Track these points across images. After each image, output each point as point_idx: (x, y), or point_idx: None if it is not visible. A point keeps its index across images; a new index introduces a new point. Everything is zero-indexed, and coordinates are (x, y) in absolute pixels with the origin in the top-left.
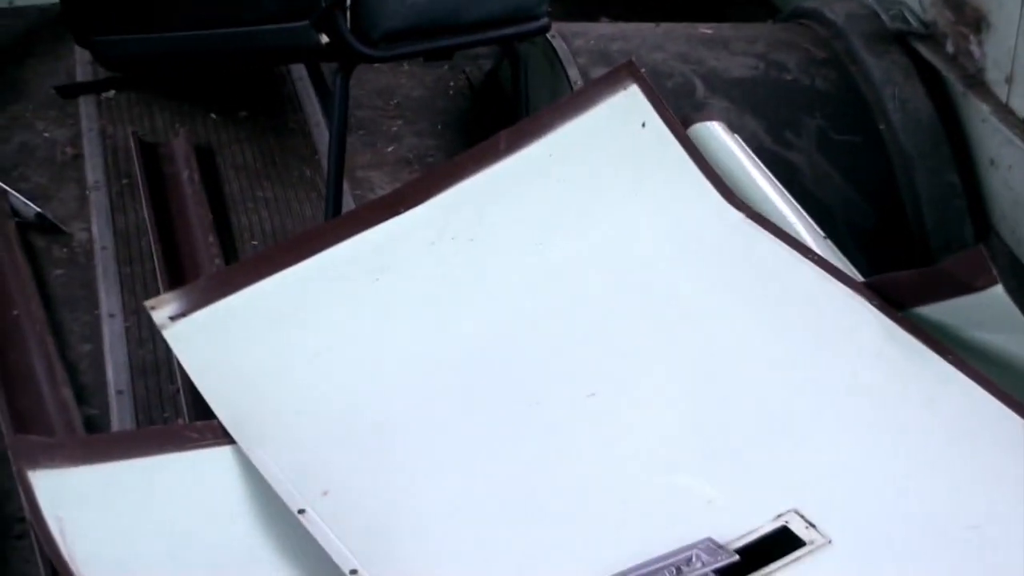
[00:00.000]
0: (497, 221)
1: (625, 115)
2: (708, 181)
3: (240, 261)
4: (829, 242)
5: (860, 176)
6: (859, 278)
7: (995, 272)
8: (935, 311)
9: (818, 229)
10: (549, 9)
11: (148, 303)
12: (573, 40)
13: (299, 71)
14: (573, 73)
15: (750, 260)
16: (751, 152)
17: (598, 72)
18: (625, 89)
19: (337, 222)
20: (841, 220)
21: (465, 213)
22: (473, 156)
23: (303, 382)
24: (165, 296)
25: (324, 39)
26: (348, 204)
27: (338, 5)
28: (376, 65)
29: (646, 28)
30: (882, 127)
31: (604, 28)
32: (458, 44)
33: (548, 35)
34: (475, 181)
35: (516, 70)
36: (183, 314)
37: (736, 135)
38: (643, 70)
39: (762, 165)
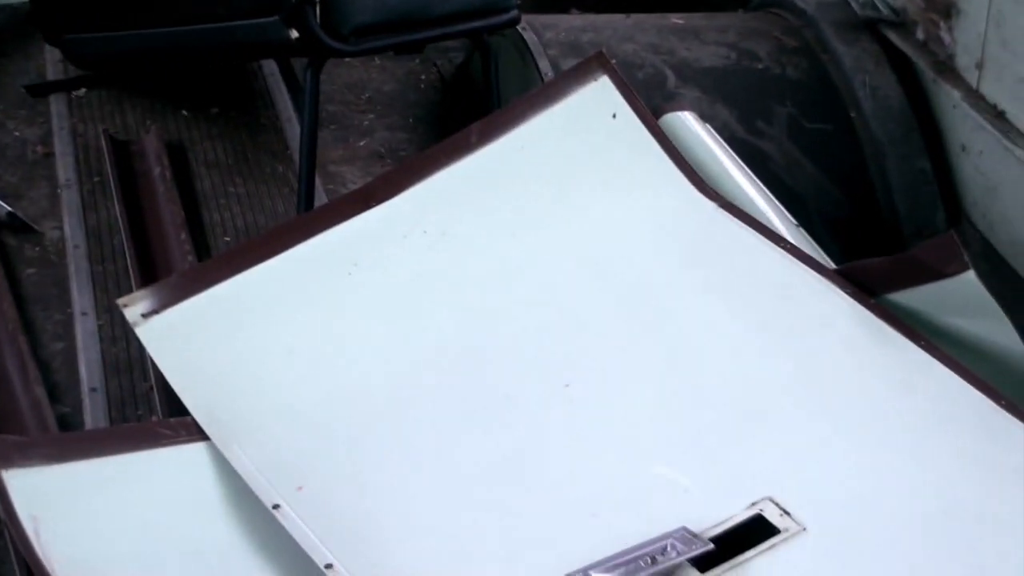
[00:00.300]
0: (469, 214)
1: (596, 106)
2: (680, 171)
3: (212, 257)
4: (801, 230)
5: (832, 164)
6: (831, 266)
7: (966, 258)
8: (907, 297)
9: (790, 217)
10: (519, 1)
11: (120, 301)
12: (544, 32)
13: (270, 66)
14: (544, 65)
15: (723, 249)
16: (723, 141)
17: (569, 64)
18: (596, 80)
19: (309, 217)
20: (813, 208)
21: (438, 206)
22: (444, 149)
23: (277, 378)
24: (137, 293)
25: (294, 34)
26: (320, 199)
27: (308, 0)
28: (347, 60)
29: (617, 19)
30: (853, 115)
31: (575, 20)
32: (428, 38)
33: (519, 27)
34: (447, 174)
35: (487, 63)
36: (155, 311)
37: (707, 124)
38: (614, 61)
39: (734, 154)
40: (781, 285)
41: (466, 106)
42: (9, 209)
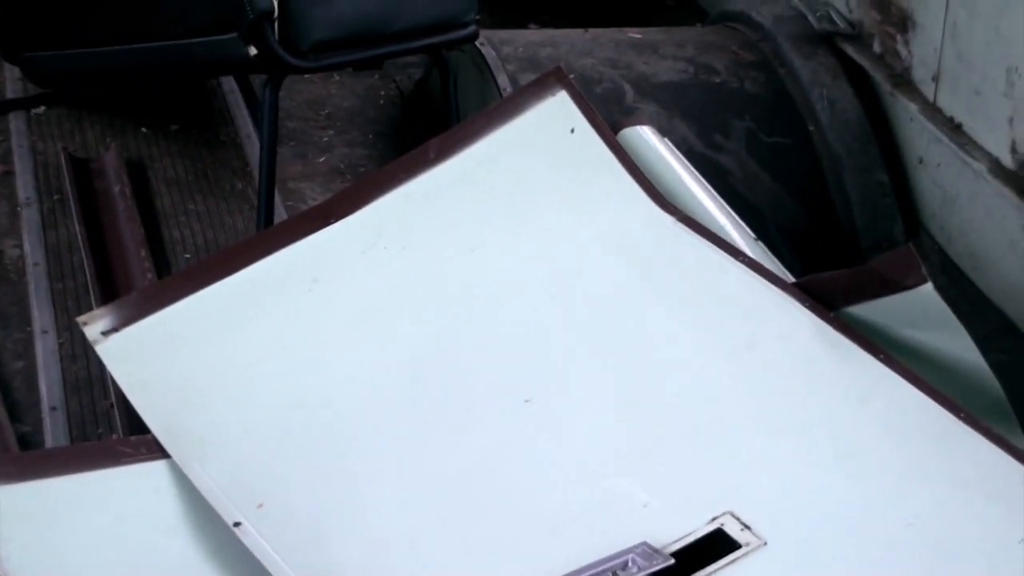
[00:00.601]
0: (429, 229)
1: (554, 121)
2: (638, 185)
3: (172, 275)
4: (760, 244)
5: (790, 177)
6: (790, 279)
7: (924, 270)
8: (866, 310)
9: (749, 231)
10: (477, 17)
11: (80, 319)
12: (502, 47)
13: (230, 83)
14: (502, 80)
15: (681, 264)
16: (681, 155)
17: (527, 79)
18: (553, 95)
19: (269, 233)
20: (772, 221)
21: (397, 222)
22: (403, 165)
23: (237, 394)
24: (97, 311)
25: (252, 51)
26: (280, 215)
27: (266, 17)
28: (306, 76)
29: (575, 34)
30: (811, 128)
31: (533, 35)
32: (386, 54)
33: (477, 43)
34: (406, 190)
35: (445, 78)
36: (115, 329)
37: (666, 139)
38: (572, 76)
39: (692, 168)
40: (740, 299)
41: (425, 122)
42: None
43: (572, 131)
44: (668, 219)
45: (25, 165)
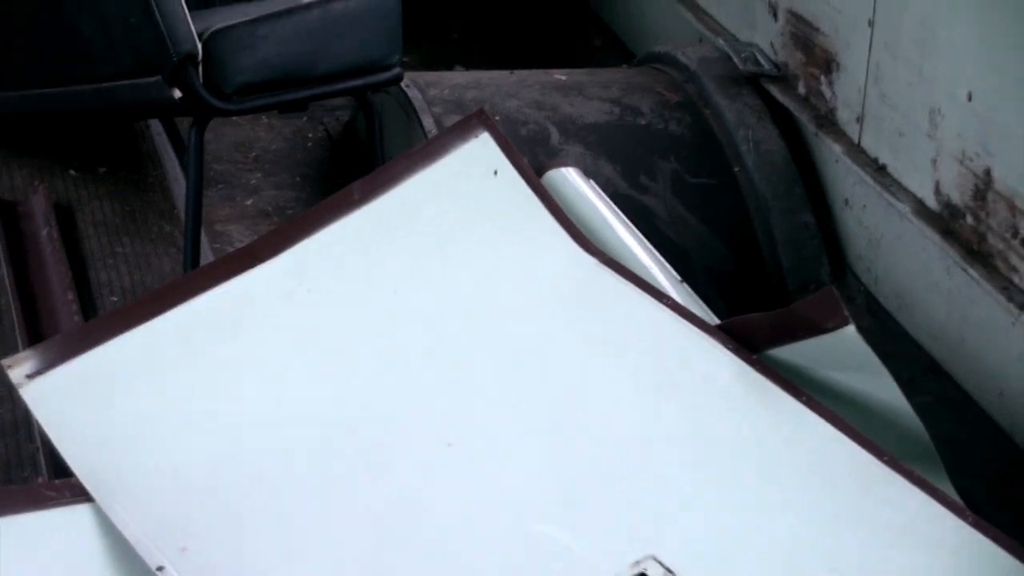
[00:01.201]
0: (352, 272)
1: (477, 163)
2: (561, 227)
3: (96, 318)
4: (685, 285)
5: (716, 218)
6: (715, 321)
7: (846, 312)
8: (790, 352)
9: (674, 273)
10: (404, 59)
11: (4, 361)
12: (427, 90)
13: (158, 126)
14: (427, 122)
15: (603, 306)
16: (606, 197)
17: (453, 121)
18: (476, 137)
19: (192, 276)
20: (698, 263)
21: (320, 264)
22: (327, 207)
23: (161, 438)
24: (22, 354)
25: (177, 94)
26: (207, 258)
27: (189, 60)
28: (233, 118)
29: (500, 76)
30: (736, 169)
31: (459, 77)
32: (311, 96)
33: (403, 85)
34: (329, 232)
35: (371, 121)
36: (40, 372)
37: (591, 180)
38: (496, 118)
39: (617, 210)
40: (662, 341)
41: (353, 164)
42: None
43: (495, 173)
44: (590, 260)
45: None
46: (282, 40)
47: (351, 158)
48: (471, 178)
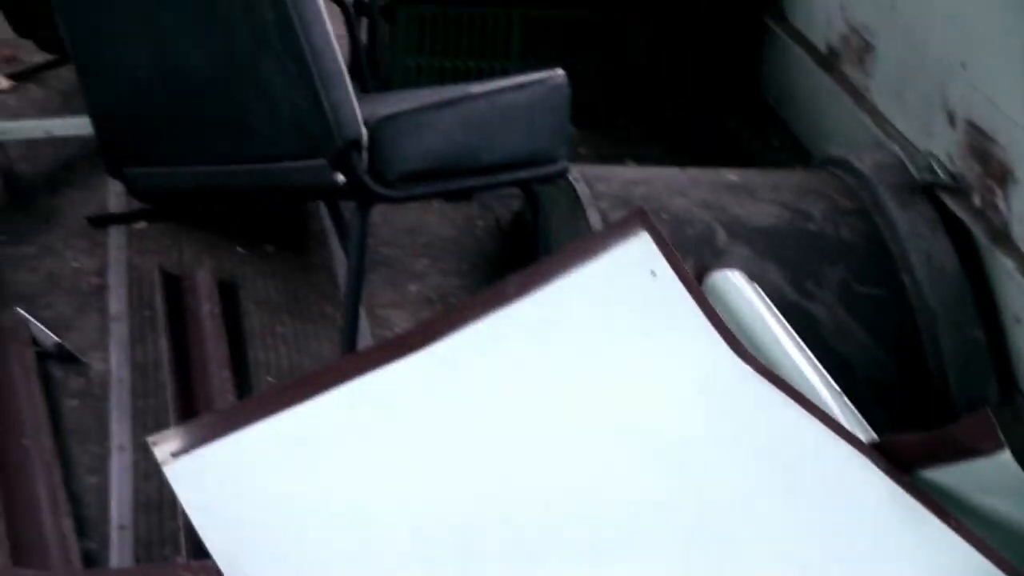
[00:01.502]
0: (502, 367)
1: (634, 263)
2: (718, 333)
3: (246, 399)
4: (844, 398)
5: (882, 329)
6: (872, 436)
7: (1002, 437)
8: (943, 475)
9: (833, 384)
10: (577, 149)
11: (151, 439)
12: (595, 183)
13: (325, 207)
14: (593, 217)
15: (755, 415)
16: (769, 302)
17: (618, 217)
18: (636, 236)
19: (344, 362)
20: (861, 375)
21: (470, 358)
22: (481, 300)
23: (301, 526)
24: (168, 432)
25: (341, 179)
26: (366, 342)
27: (353, 146)
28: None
29: (670, 173)
30: (906, 280)
31: (629, 172)
32: (474, 186)
33: (571, 178)
34: (482, 326)
35: (536, 212)
36: (185, 451)
37: (755, 284)
38: (664, 216)
39: (780, 316)
40: (813, 455)
41: (521, 254)
42: (56, 339)
43: (653, 274)
44: (745, 368)
45: (119, 279)
46: (448, 130)
47: (520, 247)
48: (628, 278)
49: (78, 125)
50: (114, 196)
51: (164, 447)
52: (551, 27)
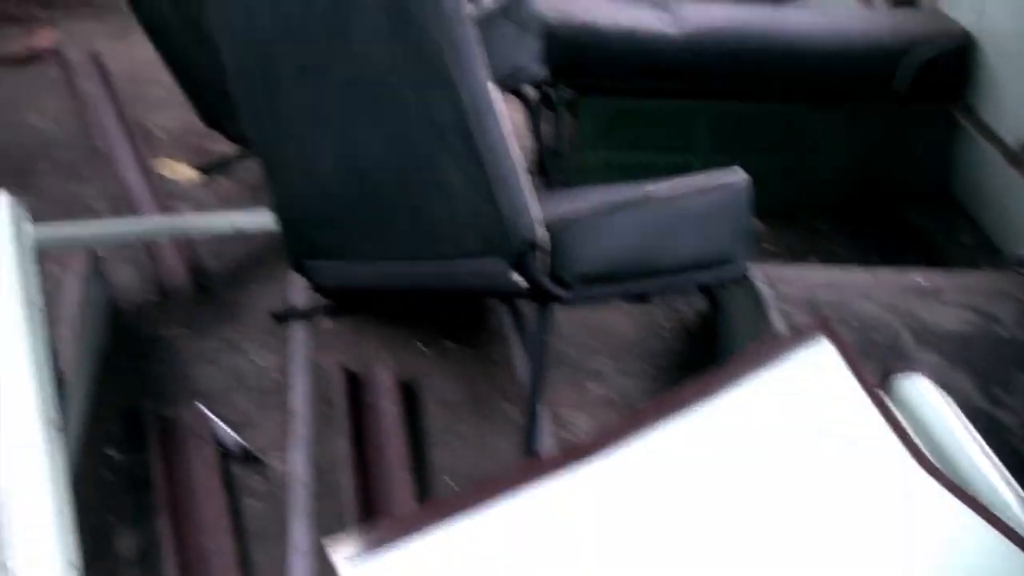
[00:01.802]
0: (680, 475)
1: (815, 370)
2: (903, 444)
3: (425, 504)
4: None
5: None
6: None
7: None
8: None
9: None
10: (764, 246)
11: (328, 542)
12: (778, 285)
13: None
14: (776, 320)
15: (940, 531)
16: (958, 410)
17: (802, 320)
18: (817, 343)
19: (522, 468)
20: None
21: (647, 465)
22: (658, 406)
23: None
24: (347, 536)
25: (518, 278)
26: (547, 443)
27: (531, 247)
28: None
29: (856, 275)
30: None
31: (814, 274)
32: (653, 289)
33: (754, 279)
34: (659, 433)
35: (716, 313)
36: (363, 556)
37: (943, 391)
38: (853, 323)
39: (969, 425)
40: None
41: (706, 355)
42: (239, 440)
43: (833, 381)
44: (931, 483)
45: (300, 376)
46: (628, 233)
47: (705, 348)
48: (808, 385)
49: (265, 219)
50: (298, 291)
51: (342, 552)
52: (738, 121)
